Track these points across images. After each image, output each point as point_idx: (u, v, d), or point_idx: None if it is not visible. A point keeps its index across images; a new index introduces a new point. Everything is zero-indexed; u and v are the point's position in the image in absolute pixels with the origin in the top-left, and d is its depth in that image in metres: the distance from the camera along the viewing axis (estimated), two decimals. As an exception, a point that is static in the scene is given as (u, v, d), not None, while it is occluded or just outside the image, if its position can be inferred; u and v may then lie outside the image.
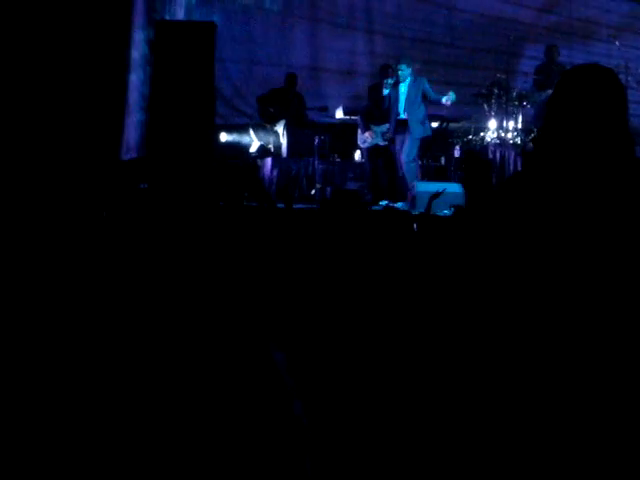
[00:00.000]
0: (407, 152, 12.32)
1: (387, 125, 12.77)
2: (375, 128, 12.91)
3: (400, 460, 3.32)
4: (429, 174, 13.53)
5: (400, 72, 12.33)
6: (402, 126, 12.36)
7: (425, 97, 12.39)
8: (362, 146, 13.19)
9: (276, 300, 4.26)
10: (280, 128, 13.51)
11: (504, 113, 13.71)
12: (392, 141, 12.54)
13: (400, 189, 12.56)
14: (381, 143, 12.95)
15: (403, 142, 12.34)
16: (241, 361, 1.44)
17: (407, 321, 4.20)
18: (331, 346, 3.95)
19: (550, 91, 12.82)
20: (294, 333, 3.89)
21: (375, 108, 12.94)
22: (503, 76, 13.99)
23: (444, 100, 12.21)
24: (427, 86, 12.49)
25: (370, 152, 13.10)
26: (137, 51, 12.64)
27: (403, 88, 12.40)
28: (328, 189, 12.52)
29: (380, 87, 13.04)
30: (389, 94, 12.35)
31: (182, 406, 1.36)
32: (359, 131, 13.13)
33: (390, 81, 12.37)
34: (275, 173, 13.24)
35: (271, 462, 1.39)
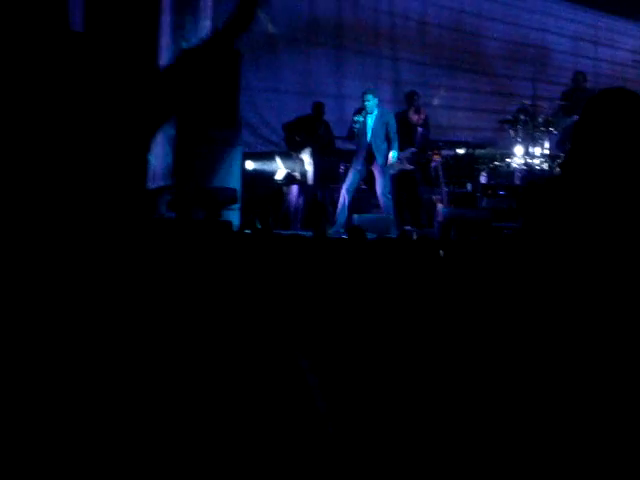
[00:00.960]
0: (381, 185, 12.31)
1: (411, 149, 12.75)
2: (400, 154, 12.87)
3: (421, 460, 3.30)
4: (455, 200, 13.49)
5: (366, 103, 12.26)
6: (370, 158, 12.35)
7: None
8: (390, 172, 13.07)
9: (302, 312, 4.29)
10: (306, 156, 13.52)
11: (530, 139, 13.68)
12: (363, 173, 12.46)
13: (423, 215, 12.55)
14: (408, 167, 12.88)
15: (374, 175, 12.35)
16: (269, 366, 1.46)
17: (425, 329, 4.20)
18: (355, 354, 3.96)
19: (576, 117, 12.79)
20: (319, 342, 3.90)
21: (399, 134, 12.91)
22: (529, 102, 13.96)
23: (390, 155, 12.21)
24: (392, 122, 12.46)
25: (397, 179, 13.00)
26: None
27: (370, 120, 12.33)
28: (355, 217, 12.50)
29: (404, 115, 13.07)
30: (359, 125, 12.27)
31: (209, 407, 1.38)
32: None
33: (360, 117, 12.27)
34: (301, 201, 13.25)
35: (295, 460, 1.40)
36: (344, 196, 12.32)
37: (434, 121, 13.96)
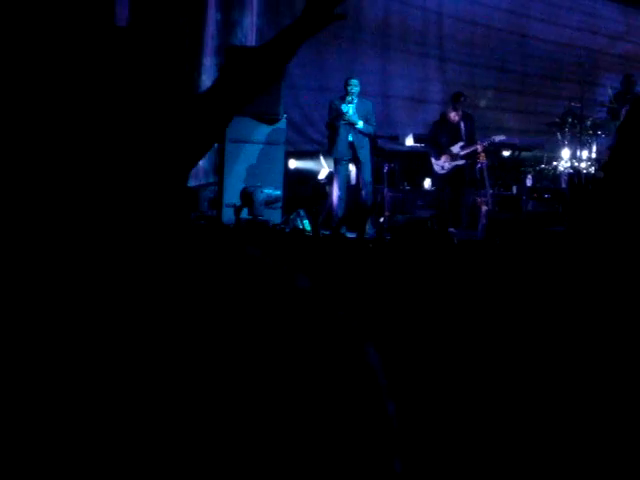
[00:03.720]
0: (364, 176, 12.17)
1: (460, 143, 12.61)
2: (450, 150, 12.71)
3: (490, 463, 3.21)
4: (501, 203, 13.34)
5: (355, 88, 12.10)
6: (351, 149, 12.19)
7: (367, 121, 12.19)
8: (440, 172, 12.90)
9: (370, 302, 4.24)
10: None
11: (578, 142, 13.50)
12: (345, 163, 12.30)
13: (465, 217, 12.44)
14: (460, 163, 12.71)
15: (356, 166, 12.22)
16: (335, 360, 1.36)
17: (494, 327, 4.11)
18: (426, 349, 3.88)
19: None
20: (389, 334, 3.84)
21: (441, 134, 12.78)
22: (577, 105, 13.78)
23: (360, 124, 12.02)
24: (372, 111, 12.34)
25: (449, 178, 12.82)
26: (208, 76, 12.71)
27: (351, 109, 12.16)
28: (398, 217, 12.39)
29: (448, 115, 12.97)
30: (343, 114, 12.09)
31: (274, 404, 1.29)
32: (433, 159, 12.90)
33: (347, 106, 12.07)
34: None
35: (360, 462, 1.32)
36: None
37: (480, 123, 13.79)
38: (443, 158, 12.75)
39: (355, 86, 12.10)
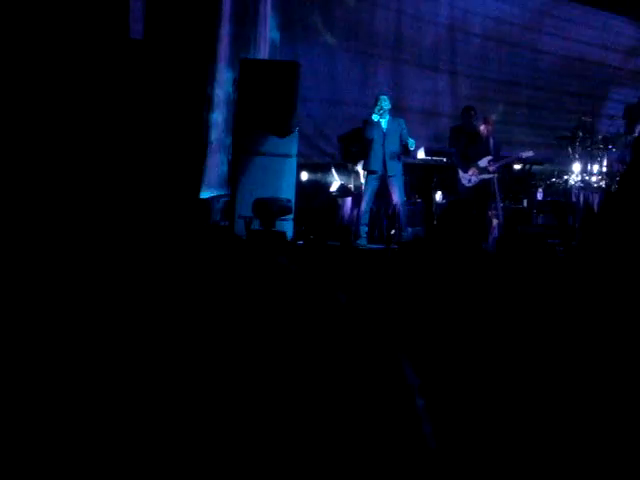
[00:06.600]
0: (399, 194, 12.24)
1: (488, 157, 12.62)
2: (478, 164, 12.74)
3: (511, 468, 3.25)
4: (511, 217, 13.36)
5: (380, 102, 12.24)
6: (384, 165, 12.28)
7: (401, 139, 12.29)
8: (468, 185, 12.89)
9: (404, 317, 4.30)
10: (361, 168, 13.49)
11: (588, 156, 13.52)
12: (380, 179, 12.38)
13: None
14: (487, 177, 12.72)
15: (390, 183, 12.29)
16: (374, 378, 1.42)
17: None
18: (463, 365, 3.93)
19: (636, 134, 12.63)
20: (425, 352, 3.89)
21: (468, 147, 12.81)
22: (588, 119, 13.80)
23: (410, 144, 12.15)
24: (405, 127, 12.45)
25: (475, 191, 12.82)
26: (221, 90, 12.77)
27: (383, 124, 12.30)
28: (409, 230, 12.42)
29: (464, 128, 12.98)
30: (374, 129, 12.23)
31: (308, 415, 1.35)
32: (460, 172, 12.91)
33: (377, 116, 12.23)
34: (355, 213, 13.20)
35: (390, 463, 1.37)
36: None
37: (491, 136, 13.82)
38: (471, 171, 12.76)
39: (384, 101, 12.24)
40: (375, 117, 12.17)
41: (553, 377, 3.69)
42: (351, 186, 13.60)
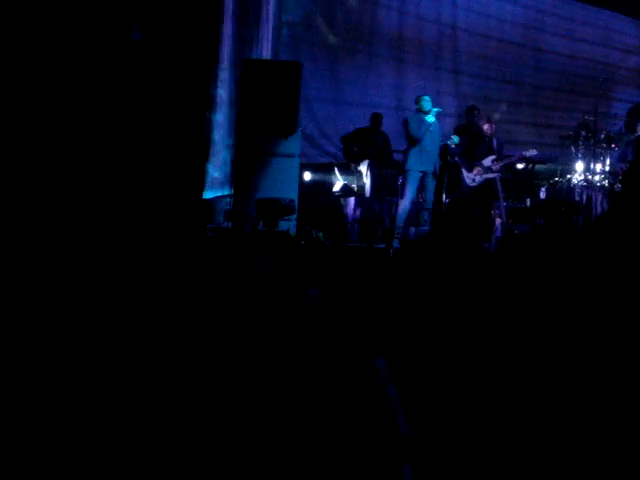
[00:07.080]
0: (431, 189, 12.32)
1: (492, 157, 12.63)
2: (482, 163, 12.75)
3: (500, 469, 3.25)
4: (514, 216, 13.35)
5: (424, 103, 12.36)
6: (427, 161, 12.36)
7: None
8: (472, 185, 12.89)
9: (376, 309, 4.30)
10: (364, 168, 13.48)
11: (591, 155, 13.51)
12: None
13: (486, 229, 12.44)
14: (491, 176, 12.73)
15: (428, 181, 12.33)
16: (344, 368, 1.42)
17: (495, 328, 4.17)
18: (433, 354, 3.93)
19: (638, 133, 12.62)
20: (396, 341, 3.89)
21: (473, 146, 12.82)
22: (591, 118, 13.79)
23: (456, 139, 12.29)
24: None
25: (478, 190, 12.83)
26: (224, 90, 12.77)
27: (431, 122, 12.40)
28: (412, 229, 12.42)
29: (470, 127, 12.99)
30: (422, 128, 12.29)
31: (280, 411, 1.35)
32: (464, 171, 12.92)
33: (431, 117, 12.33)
34: (358, 213, 13.21)
35: (370, 469, 1.37)
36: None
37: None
38: (475, 171, 12.76)
39: (428, 102, 12.29)
40: (430, 118, 12.22)
41: (553, 377, 3.69)
42: (354, 186, 13.60)
